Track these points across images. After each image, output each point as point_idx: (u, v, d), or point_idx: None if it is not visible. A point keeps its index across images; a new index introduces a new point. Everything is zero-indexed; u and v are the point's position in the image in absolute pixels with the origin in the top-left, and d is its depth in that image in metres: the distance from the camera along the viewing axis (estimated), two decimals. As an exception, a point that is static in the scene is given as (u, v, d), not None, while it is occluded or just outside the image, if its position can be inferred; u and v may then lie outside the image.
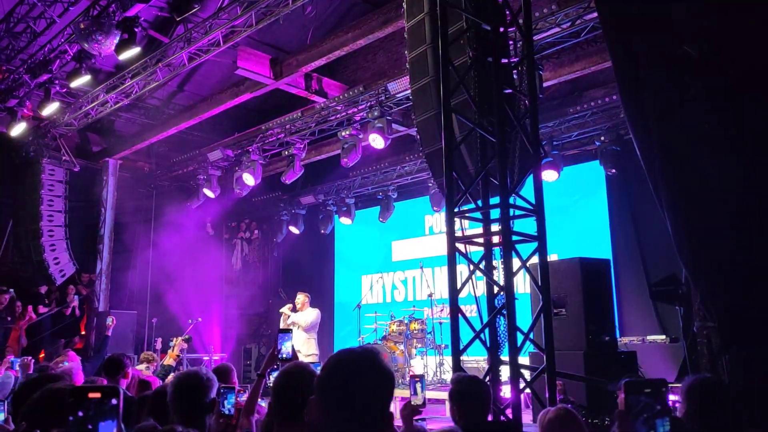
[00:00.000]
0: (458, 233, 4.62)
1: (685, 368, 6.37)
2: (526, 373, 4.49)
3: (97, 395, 1.49)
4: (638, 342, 8.56)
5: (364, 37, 8.35)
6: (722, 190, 4.29)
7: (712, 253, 4.46)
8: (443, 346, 10.04)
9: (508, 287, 4.06)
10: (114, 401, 1.49)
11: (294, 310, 9.18)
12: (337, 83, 10.65)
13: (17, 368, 4.72)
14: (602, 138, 9.32)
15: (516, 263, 4.38)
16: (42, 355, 10.75)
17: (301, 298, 9.26)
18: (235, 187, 11.72)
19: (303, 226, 13.62)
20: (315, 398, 1.53)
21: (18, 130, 10.39)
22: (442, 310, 10.19)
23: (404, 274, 12.78)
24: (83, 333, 11.63)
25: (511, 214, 4.24)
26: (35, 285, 11.58)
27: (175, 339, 7.53)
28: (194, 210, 13.01)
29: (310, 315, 9.08)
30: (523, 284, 8.92)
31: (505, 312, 4.11)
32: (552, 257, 9.17)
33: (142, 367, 5.91)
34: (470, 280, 4.68)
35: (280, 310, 9.39)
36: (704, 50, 4.49)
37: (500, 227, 4.15)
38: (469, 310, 6.06)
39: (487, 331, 4.38)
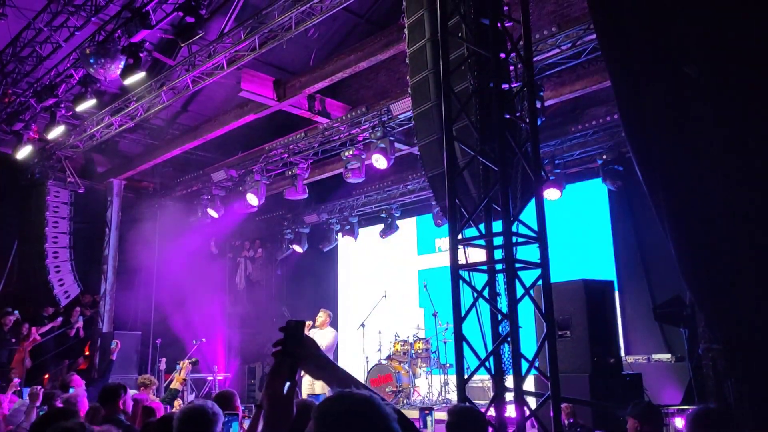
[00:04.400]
0: (460, 249, 4.63)
1: (691, 391, 6.33)
2: (532, 400, 4.48)
3: None
4: (644, 361, 8.52)
5: (366, 60, 8.42)
6: (727, 211, 4.30)
7: (716, 275, 4.46)
8: (448, 365, 10.00)
9: (512, 316, 4.07)
10: None
11: (313, 327, 8.73)
12: (339, 103, 10.73)
13: (27, 398, 4.73)
14: (604, 156, 9.34)
15: (520, 287, 4.39)
16: (47, 376, 10.76)
17: (322, 316, 8.86)
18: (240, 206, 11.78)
19: (306, 244, 13.65)
20: None
21: (24, 152, 10.47)
22: (446, 330, 10.16)
23: (408, 293, 12.75)
24: (87, 354, 11.63)
25: (514, 241, 4.26)
26: (40, 306, 11.61)
27: (181, 362, 7.50)
28: (198, 229, 13.05)
29: (328, 336, 8.69)
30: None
31: (509, 339, 4.12)
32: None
33: (151, 395, 5.87)
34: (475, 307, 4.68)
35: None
36: (705, 70, 4.52)
37: (503, 256, 4.17)
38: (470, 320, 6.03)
39: (491, 357, 4.38)
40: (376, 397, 1.47)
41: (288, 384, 1.70)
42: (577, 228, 10.31)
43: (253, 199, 11.41)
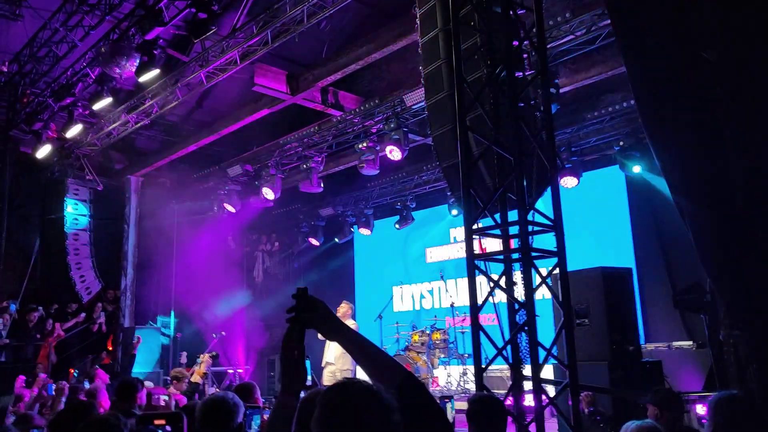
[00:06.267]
0: (476, 240, 4.62)
1: (712, 377, 6.27)
2: (550, 388, 4.48)
3: (162, 422, 1.60)
4: (664, 348, 8.46)
5: (378, 51, 8.40)
6: (747, 198, 4.24)
7: (737, 262, 4.41)
8: (466, 355, 10.01)
9: (529, 305, 4.06)
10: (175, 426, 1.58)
11: None
12: (352, 96, 10.72)
13: (53, 393, 4.83)
14: (621, 143, 9.24)
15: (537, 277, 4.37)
16: (72, 371, 10.95)
17: (344, 307, 8.94)
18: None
19: (323, 237, 13.71)
20: None
21: (43, 152, 10.62)
22: (464, 320, 10.17)
23: (427, 284, 12.76)
24: (110, 349, 11.82)
25: (530, 230, 4.24)
26: (63, 303, 11.81)
27: (201, 356, 7.59)
28: (215, 224, 13.15)
29: None
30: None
31: (526, 328, 4.11)
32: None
33: (173, 389, 5.94)
34: (491, 295, 4.67)
35: None
36: (723, 56, 4.45)
37: (519, 245, 4.15)
38: (489, 318, 6.01)
39: (509, 346, 4.38)
40: (379, 388, 1.50)
41: (297, 348, 1.77)
42: (595, 215, 10.22)
43: (269, 193, 11.48)
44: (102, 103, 8.99)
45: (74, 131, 10.03)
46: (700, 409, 5.29)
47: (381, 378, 1.69)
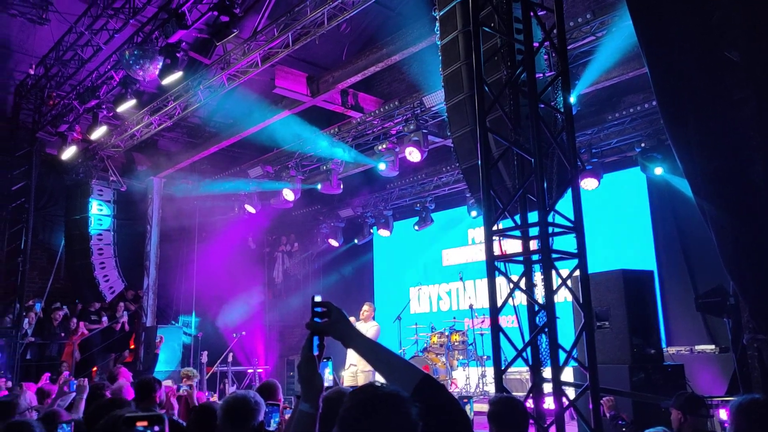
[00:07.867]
0: (496, 240, 4.62)
1: (735, 382, 6.18)
2: (570, 390, 4.46)
3: (144, 423, 1.65)
4: (686, 352, 8.35)
5: (398, 53, 8.42)
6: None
7: (760, 265, 4.36)
8: (485, 357, 9.98)
9: (549, 306, 4.05)
10: (158, 428, 1.64)
11: (358, 320, 8.95)
12: (372, 97, 10.76)
13: (74, 389, 4.93)
14: (642, 144, 9.16)
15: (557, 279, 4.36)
16: (95, 369, 11.15)
17: (367, 309, 9.05)
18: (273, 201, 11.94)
19: (342, 238, 13.77)
20: None
21: (69, 153, 10.83)
22: (483, 321, 10.14)
23: (445, 285, 12.75)
24: (132, 347, 12.00)
25: (550, 231, 4.23)
26: (87, 302, 12.02)
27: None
28: (236, 225, 13.28)
29: (372, 328, 8.89)
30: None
31: (546, 330, 4.10)
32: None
33: (185, 386, 5.98)
34: (511, 296, 4.66)
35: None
36: (746, 56, 4.40)
37: (539, 246, 4.15)
38: (509, 320, 6.01)
39: (529, 348, 4.37)
40: (401, 393, 1.52)
41: (313, 356, 1.82)
42: (616, 218, 10.13)
43: (289, 195, 11.57)
44: (126, 106, 9.15)
45: (99, 133, 10.21)
46: (724, 414, 5.22)
47: (399, 381, 1.71)
